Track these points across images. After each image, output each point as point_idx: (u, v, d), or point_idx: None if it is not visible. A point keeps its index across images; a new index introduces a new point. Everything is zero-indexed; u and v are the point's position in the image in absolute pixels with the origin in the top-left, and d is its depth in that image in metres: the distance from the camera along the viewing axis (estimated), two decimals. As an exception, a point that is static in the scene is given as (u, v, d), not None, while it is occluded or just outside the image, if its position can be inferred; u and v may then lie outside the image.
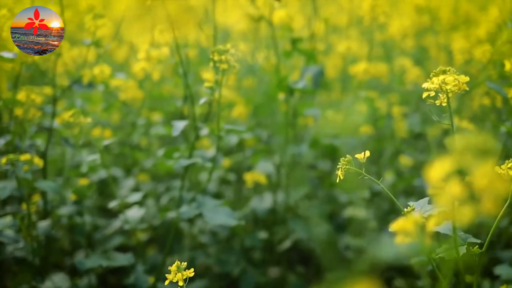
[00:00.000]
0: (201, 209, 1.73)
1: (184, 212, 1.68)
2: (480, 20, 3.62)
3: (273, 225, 2.19)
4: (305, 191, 2.21)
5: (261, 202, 2.22)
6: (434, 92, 1.06)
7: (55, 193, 1.76)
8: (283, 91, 1.88)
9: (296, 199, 2.21)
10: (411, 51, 3.14)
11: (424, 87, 1.07)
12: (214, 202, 1.77)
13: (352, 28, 3.39)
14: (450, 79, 1.02)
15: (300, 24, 2.96)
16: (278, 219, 2.21)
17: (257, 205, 2.20)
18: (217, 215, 1.69)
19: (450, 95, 1.05)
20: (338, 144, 2.24)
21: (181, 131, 1.65)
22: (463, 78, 1.03)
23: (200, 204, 1.76)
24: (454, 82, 1.01)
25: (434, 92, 1.07)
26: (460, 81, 1.02)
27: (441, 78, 1.02)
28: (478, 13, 3.85)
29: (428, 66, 3.56)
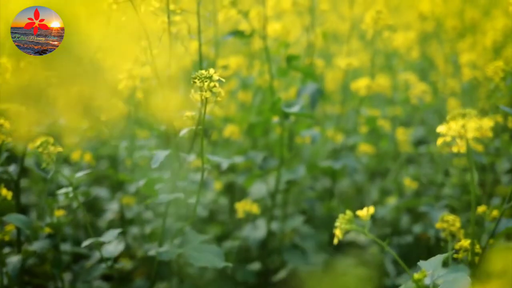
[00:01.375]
0: (185, 247, 1.56)
1: (164, 252, 1.51)
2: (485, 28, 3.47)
3: (268, 255, 2.02)
4: (302, 219, 2.03)
5: (254, 230, 2.05)
6: (451, 137, 0.88)
7: (26, 228, 1.60)
8: (276, 115, 1.71)
9: (293, 227, 2.04)
10: (415, 61, 2.97)
11: (440, 132, 0.89)
12: (200, 237, 1.59)
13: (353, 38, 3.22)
14: (472, 126, 0.84)
15: (298, 33, 2.79)
16: (273, 249, 2.04)
17: (250, 233, 2.03)
18: (202, 255, 1.52)
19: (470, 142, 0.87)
20: (338, 167, 2.06)
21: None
22: (486, 123, 0.86)
23: (184, 241, 1.59)
24: (476, 129, 0.84)
25: (451, 138, 0.89)
26: (483, 127, 0.85)
27: (460, 123, 0.85)
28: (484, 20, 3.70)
29: (433, 77, 3.39)
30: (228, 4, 1.78)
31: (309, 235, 2.02)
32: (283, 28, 2.03)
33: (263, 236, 1.98)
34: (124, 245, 1.70)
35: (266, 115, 1.69)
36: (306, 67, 1.92)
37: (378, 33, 1.97)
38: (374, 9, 1.90)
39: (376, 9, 1.90)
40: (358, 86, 2.25)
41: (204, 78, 1.27)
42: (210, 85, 1.26)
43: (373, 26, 1.93)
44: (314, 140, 2.00)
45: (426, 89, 2.46)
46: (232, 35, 1.82)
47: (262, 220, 2.10)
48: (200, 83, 1.27)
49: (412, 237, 2.18)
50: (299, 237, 2.04)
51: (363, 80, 2.24)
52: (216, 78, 1.27)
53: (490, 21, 3.49)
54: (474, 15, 3.84)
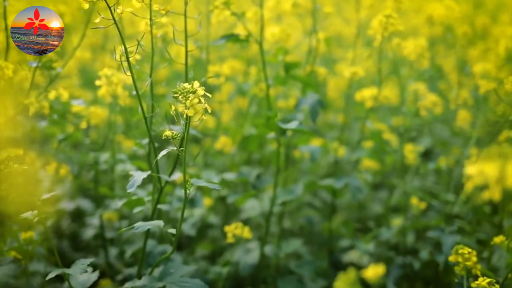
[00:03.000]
0: (166, 279, 1.37)
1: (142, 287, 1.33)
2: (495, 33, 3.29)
3: (261, 283, 1.83)
4: (299, 243, 1.84)
5: (246, 254, 1.86)
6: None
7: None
8: (272, 131, 1.52)
9: (288, 252, 1.85)
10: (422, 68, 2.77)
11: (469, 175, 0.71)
12: (183, 269, 1.41)
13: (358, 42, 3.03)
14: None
15: (298, 36, 2.60)
16: (266, 276, 1.85)
17: (242, 257, 1.84)
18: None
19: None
20: (339, 186, 1.88)
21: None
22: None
23: (165, 272, 1.40)
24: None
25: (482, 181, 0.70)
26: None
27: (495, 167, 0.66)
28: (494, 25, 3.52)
29: (442, 85, 3.20)
30: (220, 4, 1.59)
31: (307, 261, 1.83)
32: (282, 32, 1.84)
33: (256, 261, 1.79)
34: (98, 274, 1.51)
35: (261, 131, 1.50)
36: (306, 76, 1.73)
37: (386, 39, 1.78)
38: (383, 13, 1.71)
39: (385, 13, 1.71)
40: (364, 97, 2.07)
41: (186, 93, 1.08)
42: (194, 101, 1.07)
43: (381, 32, 1.74)
44: (313, 157, 1.81)
45: (437, 101, 2.27)
46: (225, 39, 1.63)
47: (255, 242, 1.91)
48: (183, 98, 1.08)
49: (419, 263, 1.99)
50: (295, 263, 1.85)
51: (369, 90, 2.05)
52: (201, 93, 1.09)
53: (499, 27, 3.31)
54: (485, 21, 3.65)
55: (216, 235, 2.23)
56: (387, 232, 2.04)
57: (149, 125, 1.31)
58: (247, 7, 2.64)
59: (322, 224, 2.36)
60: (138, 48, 1.44)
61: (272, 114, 1.44)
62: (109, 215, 2.00)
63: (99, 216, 1.99)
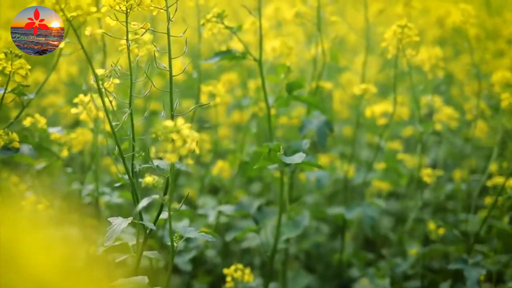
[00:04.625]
0: None
1: None
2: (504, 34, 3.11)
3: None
4: (307, 280, 1.64)
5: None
6: None
7: None
8: (274, 163, 1.32)
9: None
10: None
11: None
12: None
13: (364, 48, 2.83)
14: None
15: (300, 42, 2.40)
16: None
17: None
18: None
19: None
20: (351, 217, 1.68)
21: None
22: None
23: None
24: None
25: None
26: None
27: None
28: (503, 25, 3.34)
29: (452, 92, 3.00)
30: (213, 18, 1.39)
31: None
32: (283, 45, 1.64)
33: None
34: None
35: (262, 164, 1.30)
36: (311, 96, 1.53)
37: (400, 51, 1.59)
38: (398, 24, 1.51)
39: (400, 24, 1.51)
40: (374, 112, 1.87)
41: (169, 133, 0.88)
42: (177, 144, 0.87)
43: (395, 44, 1.54)
44: (321, 184, 1.61)
45: (453, 114, 2.08)
46: (219, 57, 1.43)
47: (259, 279, 1.72)
48: (165, 141, 0.88)
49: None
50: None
51: (380, 105, 1.85)
52: (186, 133, 0.89)
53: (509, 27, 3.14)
54: (496, 21, 3.46)
55: (215, 261, 2.04)
56: (403, 263, 1.84)
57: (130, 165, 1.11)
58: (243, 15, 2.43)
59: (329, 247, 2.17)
60: (118, 71, 1.25)
61: (275, 147, 1.24)
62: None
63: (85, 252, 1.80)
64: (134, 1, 1.11)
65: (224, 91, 1.57)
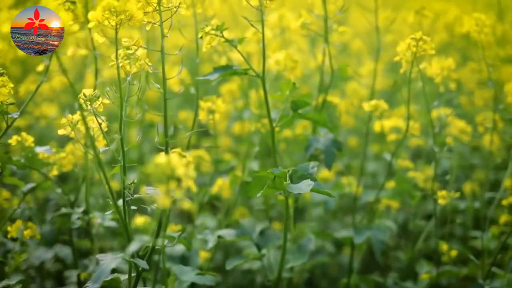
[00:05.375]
0: None
1: None
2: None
3: None
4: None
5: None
6: None
7: None
8: (279, 190, 1.21)
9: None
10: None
11: None
12: None
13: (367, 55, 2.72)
14: None
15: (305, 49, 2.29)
16: None
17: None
18: None
19: None
20: (360, 241, 1.57)
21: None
22: None
23: None
24: None
25: None
26: None
27: None
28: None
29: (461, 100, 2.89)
30: (211, 30, 1.28)
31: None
32: (288, 58, 1.53)
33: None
34: None
35: (267, 192, 1.19)
36: (317, 115, 1.42)
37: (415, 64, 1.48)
38: (413, 36, 1.40)
39: (415, 36, 1.40)
40: (384, 127, 1.76)
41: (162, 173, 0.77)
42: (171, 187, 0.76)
43: (409, 58, 1.43)
44: (328, 207, 1.50)
45: (465, 128, 1.96)
46: (218, 73, 1.32)
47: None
48: (158, 182, 0.77)
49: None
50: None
51: (390, 121, 1.74)
52: (182, 172, 0.78)
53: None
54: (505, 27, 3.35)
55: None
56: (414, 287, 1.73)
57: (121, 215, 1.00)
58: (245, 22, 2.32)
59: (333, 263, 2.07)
60: (108, 92, 1.14)
61: (281, 174, 1.13)
62: (86, 276, 1.70)
63: (76, 276, 1.70)
64: (124, 15, 1.00)
65: (224, 107, 1.46)
